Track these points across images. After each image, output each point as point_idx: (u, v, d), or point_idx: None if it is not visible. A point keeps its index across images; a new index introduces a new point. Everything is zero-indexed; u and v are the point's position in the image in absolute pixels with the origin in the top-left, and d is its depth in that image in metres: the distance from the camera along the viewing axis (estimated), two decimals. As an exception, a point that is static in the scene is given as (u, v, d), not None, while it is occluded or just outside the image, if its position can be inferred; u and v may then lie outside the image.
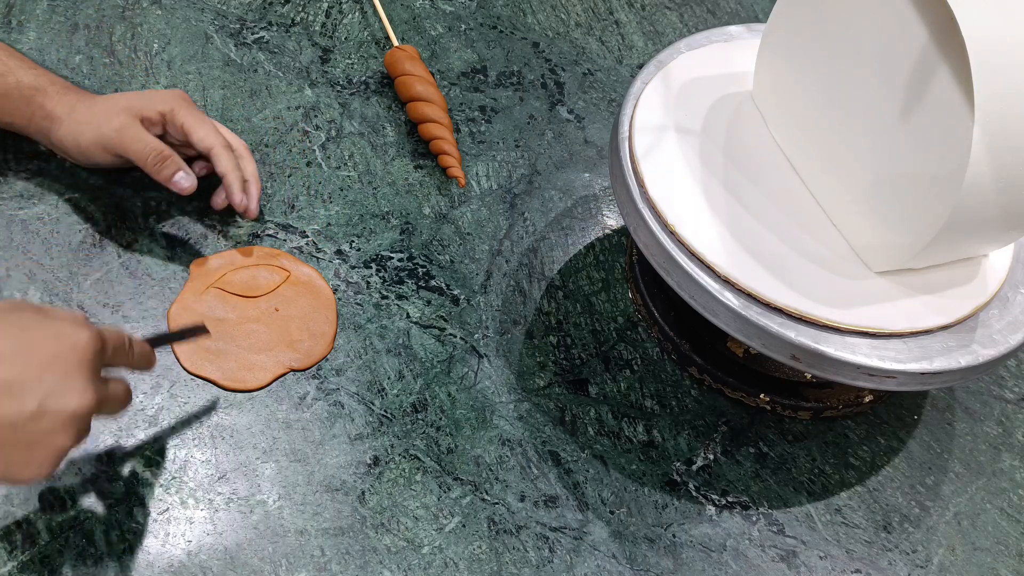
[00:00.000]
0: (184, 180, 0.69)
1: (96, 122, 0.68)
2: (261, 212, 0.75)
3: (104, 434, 0.63)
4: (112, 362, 0.54)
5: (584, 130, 0.88)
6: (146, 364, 0.58)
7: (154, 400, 0.65)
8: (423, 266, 0.76)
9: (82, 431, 0.51)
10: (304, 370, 0.68)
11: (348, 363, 0.69)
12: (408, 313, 0.73)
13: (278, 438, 0.65)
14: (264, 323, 0.69)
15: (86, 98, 0.70)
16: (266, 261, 0.72)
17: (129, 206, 0.74)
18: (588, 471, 0.68)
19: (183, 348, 0.67)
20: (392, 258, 0.76)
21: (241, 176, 0.72)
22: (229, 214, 0.75)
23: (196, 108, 0.71)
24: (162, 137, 0.71)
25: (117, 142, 0.68)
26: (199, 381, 0.66)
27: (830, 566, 0.66)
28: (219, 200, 0.73)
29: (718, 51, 0.75)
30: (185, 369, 0.67)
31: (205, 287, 0.70)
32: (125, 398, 0.55)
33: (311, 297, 0.71)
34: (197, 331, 0.64)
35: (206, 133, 0.70)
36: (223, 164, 0.71)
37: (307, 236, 0.75)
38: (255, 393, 0.67)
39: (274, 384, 0.67)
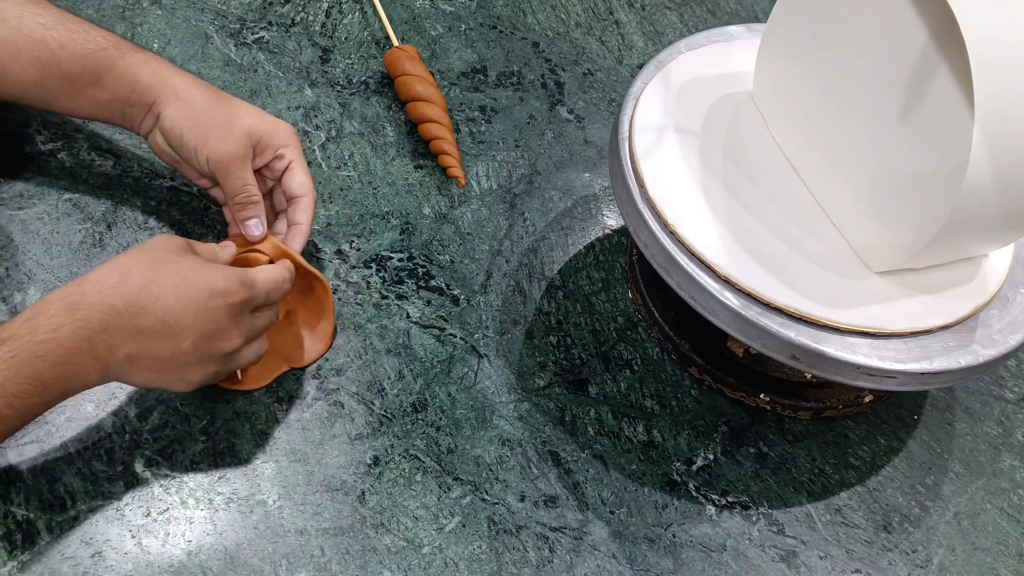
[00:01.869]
0: (256, 228, 0.67)
1: (208, 130, 0.65)
2: None
3: (104, 434, 0.63)
4: (267, 303, 0.62)
5: (584, 130, 0.88)
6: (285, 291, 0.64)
7: (154, 400, 0.65)
8: (423, 266, 0.76)
9: (230, 364, 0.60)
10: (304, 368, 0.68)
11: (348, 363, 0.69)
12: (408, 313, 0.73)
13: (278, 438, 0.65)
14: None
15: (202, 85, 0.67)
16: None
17: (129, 206, 0.74)
18: (588, 471, 0.68)
19: None
20: (392, 258, 0.76)
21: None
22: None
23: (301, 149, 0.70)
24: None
25: (223, 166, 0.65)
26: (199, 381, 0.66)
27: (830, 566, 0.66)
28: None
29: (718, 51, 0.75)
30: None
31: None
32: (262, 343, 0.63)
33: (310, 296, 0.71)
34: None
35: (307, 179, 0.69)
36: (308, 215, 0.69)
37: (310, 238, 0.75)
38: (255, 393, 0.67)
39: (274, 384, 0.67)
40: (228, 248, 0.64)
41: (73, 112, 0.68)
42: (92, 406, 0.64)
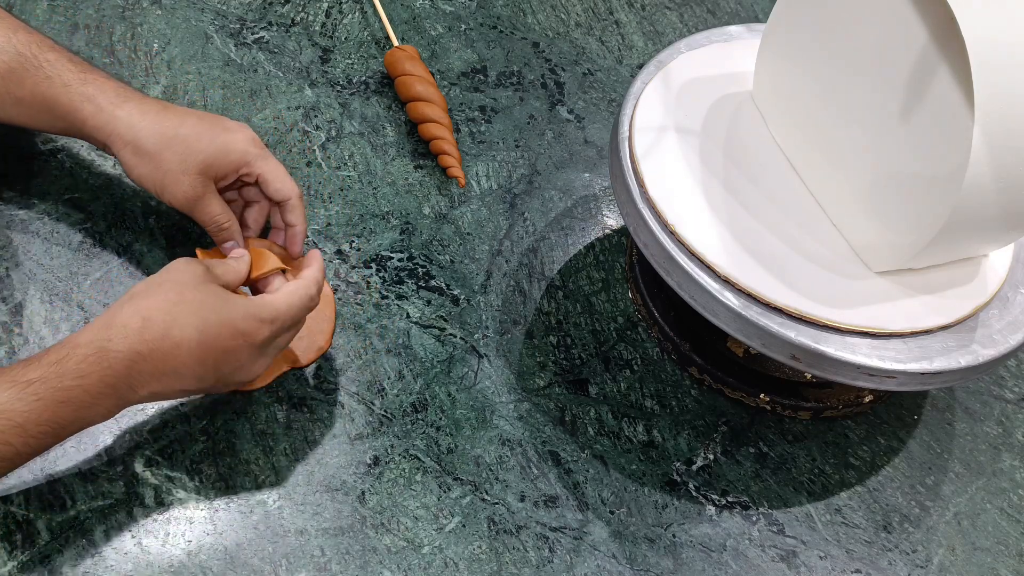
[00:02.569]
0: (235, 249, 0.66)
1: (163, 176, 0.64)
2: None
3: (104, 434, 0.63)
4: (292, 329, 0.62)
5: (584, 130, 0.88)
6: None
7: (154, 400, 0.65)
8: (423, 266, 0.76)
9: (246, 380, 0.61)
10: (304, 367, 0.68)
11: (348, 363, 0.69)
12: (408, 313, 0.73)
13: (278, 438, 0.65)
14: None
15: (148, 114, 0.64)
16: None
17: (129, 206, 0.74)
18: (588, 471, 0.68)
19: None
20: (392, 258, 0.76)
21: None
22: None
23: (267, 150, 0.68)
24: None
25: (186, 208, 0.65)
26: (199, 381, 0.66)
27: (830, 566, 0.66)
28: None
29: (718, 51, 0.75)
30: None
31: None
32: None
33: None
34: None
35: (283, 184, 0.67)
36: (298, 216, 0.68)
37: (307, 236, 0.75)
38: (255, 393, 0.67)
39: (274, 384, 0.67)
40: (243, 258, 0.64)
41: (48, 131, 0.69)
42: (92, 406, 0.64)
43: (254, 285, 0.65)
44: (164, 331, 0.55)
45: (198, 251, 0.70)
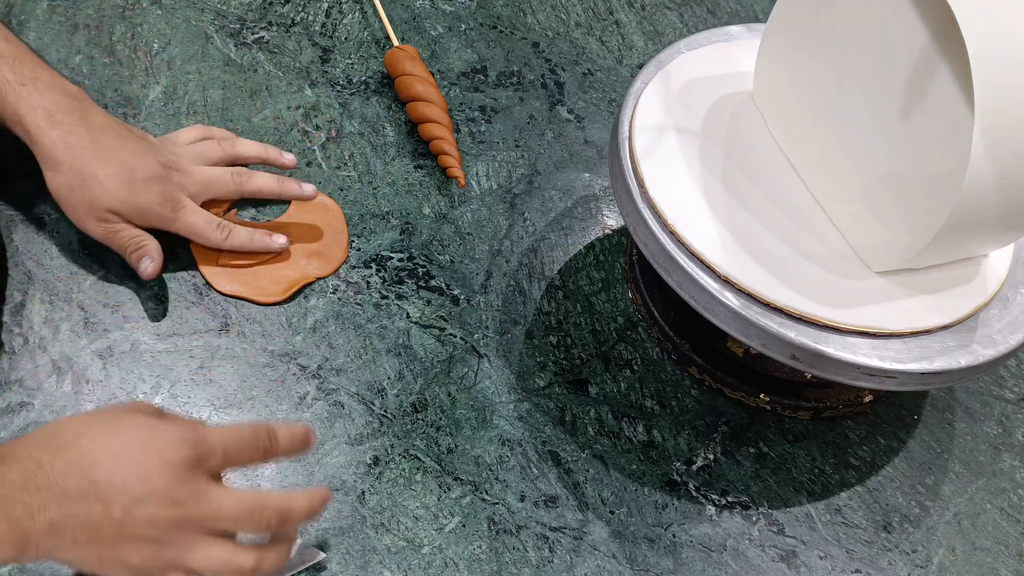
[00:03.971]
0: (148, 266, 0.67)
1: (72, 211, 0.66)
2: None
3: (104, 434, 0.63)
4: (229, 464, 0.53)
5: (584, 130, 0.88)
6: (298, 448, 0.55)
7: (154, 400, 0.65)
8: (423, 266, 0.76)
9: (180, 554, 0.49)
10: (326, 277, 0.72)
11: (348, 363, 0.69)
12: (408, 313, 0.73)
13: (278, 438, 0.65)
14: None
15: (75, 145, 0.65)
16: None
17: (129, 206, 0.74)
18: (588, 471, 0.68)
19: (211, 271, 0.71)
20: (392, 258, 0.76)
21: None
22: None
23: (185, 203, 0.68)
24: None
25: (103, 241, 0.67)
26: (199, 381, 0.66)
27: (830, 566, 0.66)
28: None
29: (718, 51, 0.75)
30: (215, 290, 0.70)
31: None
32: (246, 516, 0.51)
33: (319, 212, 0.76)
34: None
35: (206, 242, 0.70)
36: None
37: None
38: (255, 393, 0.67)
39: (274, 384, 0.67)
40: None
41: None
42: (92, 406, 0.64)
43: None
44: (73, 439, 0.48)
45: (192, 247, 0.72)
